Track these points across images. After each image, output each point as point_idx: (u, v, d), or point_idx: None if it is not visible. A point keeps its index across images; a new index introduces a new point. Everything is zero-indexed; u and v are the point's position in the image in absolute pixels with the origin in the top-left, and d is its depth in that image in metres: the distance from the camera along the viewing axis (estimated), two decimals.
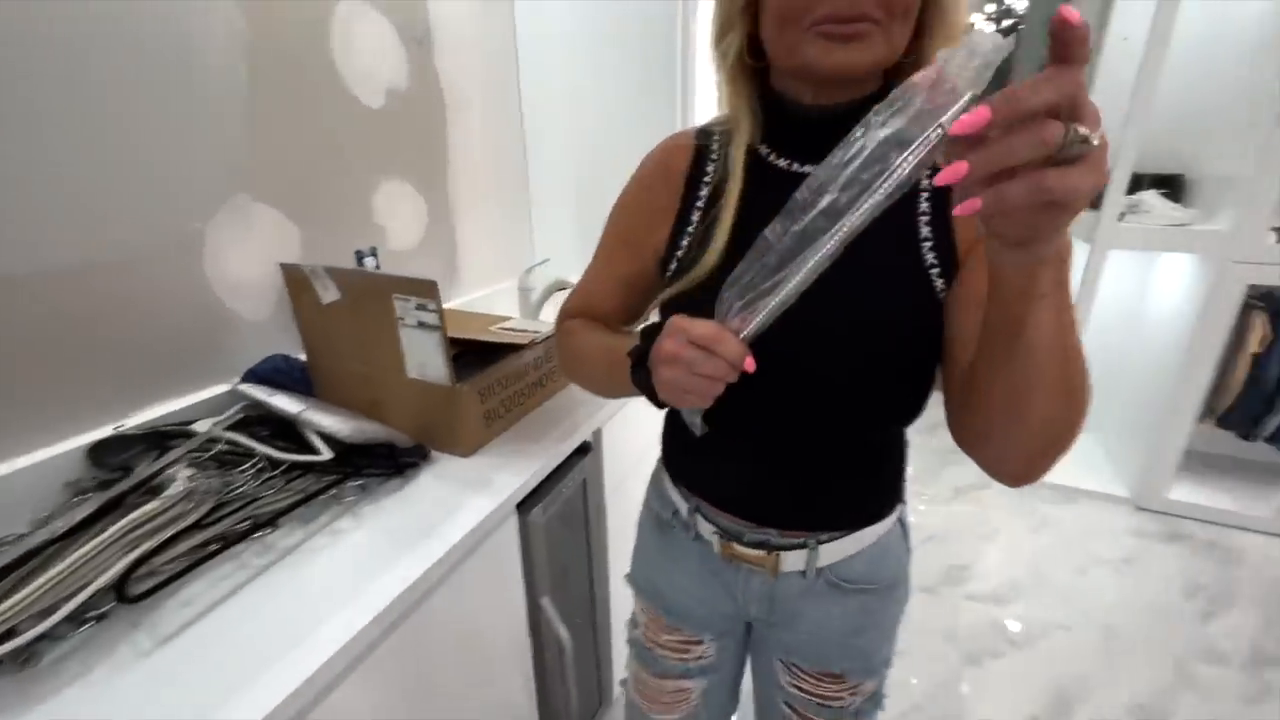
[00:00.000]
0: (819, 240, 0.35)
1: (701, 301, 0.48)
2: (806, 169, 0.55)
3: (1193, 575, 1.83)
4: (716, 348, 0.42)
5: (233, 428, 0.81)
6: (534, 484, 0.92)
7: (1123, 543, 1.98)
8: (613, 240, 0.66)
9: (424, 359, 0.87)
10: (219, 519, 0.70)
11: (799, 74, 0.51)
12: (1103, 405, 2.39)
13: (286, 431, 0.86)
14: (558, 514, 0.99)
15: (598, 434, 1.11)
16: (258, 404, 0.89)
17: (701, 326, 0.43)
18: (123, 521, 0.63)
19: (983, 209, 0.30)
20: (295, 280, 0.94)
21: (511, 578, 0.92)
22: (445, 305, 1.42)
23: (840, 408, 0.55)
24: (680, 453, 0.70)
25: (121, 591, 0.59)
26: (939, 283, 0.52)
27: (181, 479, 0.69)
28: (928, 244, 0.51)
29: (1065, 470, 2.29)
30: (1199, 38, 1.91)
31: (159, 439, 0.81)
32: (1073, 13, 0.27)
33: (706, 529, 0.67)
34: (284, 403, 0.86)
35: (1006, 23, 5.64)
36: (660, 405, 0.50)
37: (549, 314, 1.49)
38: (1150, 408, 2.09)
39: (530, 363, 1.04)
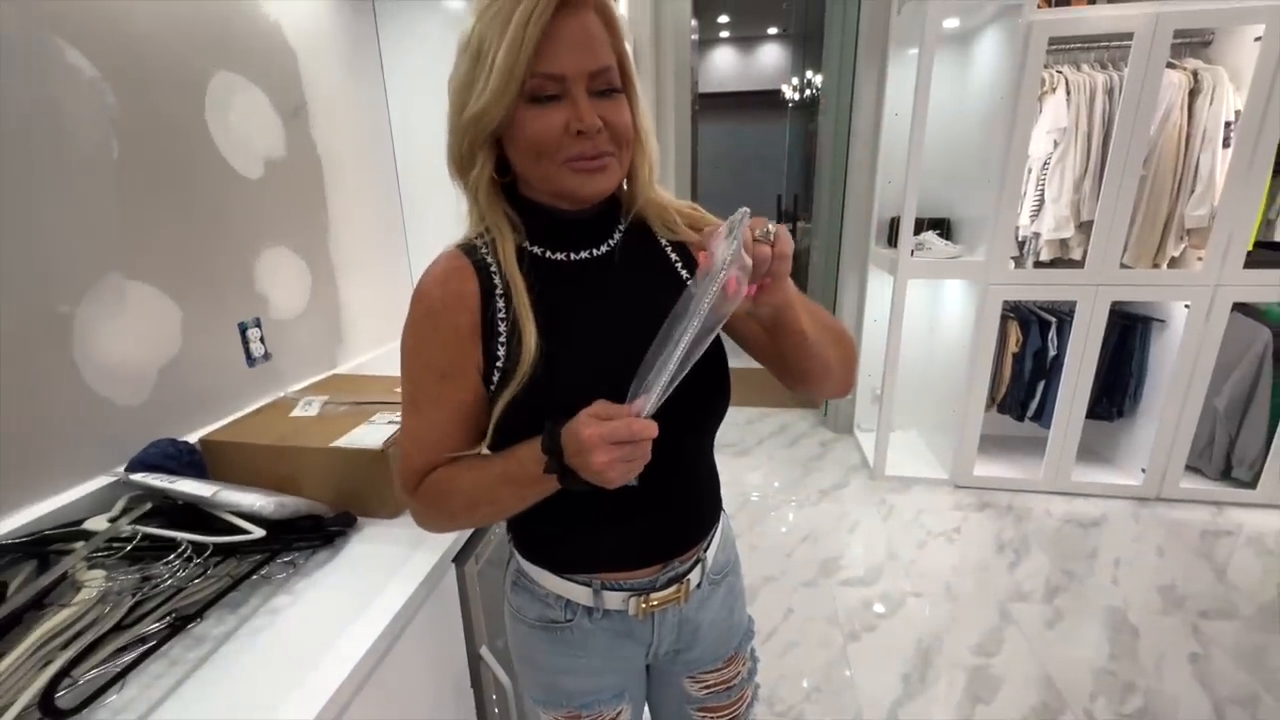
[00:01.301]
0: (690, 336, 0.51)
1: (536, 400, 0.58)
2: (581, 255, 0.65)
3: (999, 534, 2.27)
4: (638, 437, 0.50)
5: (139, 519, 0.76)
6: (467, 534, 0.96)
7: (949, 516, 2.40)
8: (432, 382, 0.62)
9: (359, 436, 0.90)
10: (140, 618, 0.66)
11: (557, 196, 0.60)
12: (919, 406, 2.91)
13: (193, 518, 0.82)
14: (489, 561, 1.03)
15: None
16: (154, 492, 0.83)
17: (615, 429, 0.50)
18: (34, 635, 0.58)
19: (770, 299, 0.54)
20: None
21: (453, 631, 0.93)
22: (334, 370, 1.40)
23: (696, 426, 0.69)
24: (566, 544, 0.69)
25: (49, 708, 0.54)
26: None
27: (96, 580, 0.64)
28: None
29: (900, 463, 2.73)
30: (948, 112, 2.50)
31: (39, 544, 0.73)
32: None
33: (615, 600, 0.68)
34: (191, 487, 0.81)
35: (808, 93, 6.64)
36: (598, 490, 0.54)
37: None
38: (952, 403, 2.58)
39: None
